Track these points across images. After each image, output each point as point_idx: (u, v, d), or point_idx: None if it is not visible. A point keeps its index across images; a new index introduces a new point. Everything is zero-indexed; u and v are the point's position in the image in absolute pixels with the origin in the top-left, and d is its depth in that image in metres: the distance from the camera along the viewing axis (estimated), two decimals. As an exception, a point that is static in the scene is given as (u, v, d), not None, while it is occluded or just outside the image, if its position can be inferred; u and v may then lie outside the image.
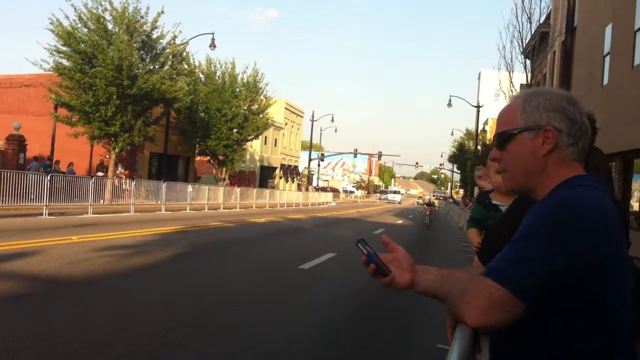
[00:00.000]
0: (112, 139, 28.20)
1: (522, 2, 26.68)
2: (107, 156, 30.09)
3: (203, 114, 38.74)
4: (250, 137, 42.37)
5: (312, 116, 65.33)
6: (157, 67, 29.56)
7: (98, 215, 19.88)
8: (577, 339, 1.44)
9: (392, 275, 1.71)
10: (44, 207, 18.57)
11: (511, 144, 1.63)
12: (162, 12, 28.77)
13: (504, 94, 29.72)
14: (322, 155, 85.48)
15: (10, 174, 18.75)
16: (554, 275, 1.40)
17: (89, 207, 20.70)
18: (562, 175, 1.58)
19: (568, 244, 1.40)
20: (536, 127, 1.59)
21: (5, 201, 18.14)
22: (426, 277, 1.73)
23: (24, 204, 18.72)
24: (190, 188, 29.76)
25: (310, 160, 67.75)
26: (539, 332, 1.47)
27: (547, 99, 1.60)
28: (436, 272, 1.75)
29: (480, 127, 59.80)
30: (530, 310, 1.41)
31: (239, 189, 37.60)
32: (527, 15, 26.65)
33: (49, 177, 19.35)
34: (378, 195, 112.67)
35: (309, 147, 68.60)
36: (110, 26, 27.61)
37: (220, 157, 40.73)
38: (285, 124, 68.39)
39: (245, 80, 40.58)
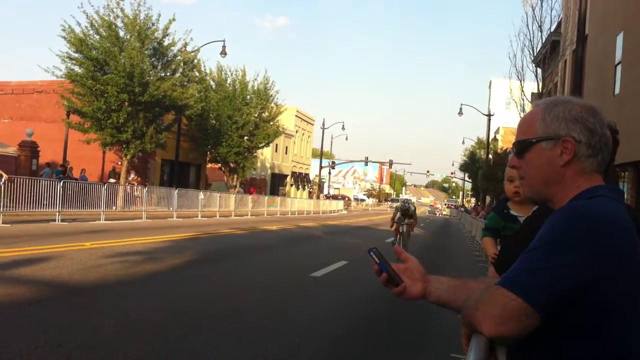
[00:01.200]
0: (124, 146, 28.37)
1: (533, 10, 26.63)
2: (119, 163, 30.26)
3: (214, 121, 38.89)
4: (261, 145, 42.46)
5: (323, 124, 65.48)
6: (168, 74, 29.74)
7: (110, 222, 19.98)
8: (595, 348, 1.43)
9: (404, 285, 1.70)
10: (57, 214, 18.69)
11: (529, 152, 1.63)
12: (174, 19, 28.99)
13: (515, 102, 29.63)
14: (333, 163, 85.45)
15: (23, 180, 18.88)
16: (570, 286, 1.39)
17: (102, 213, 20.83)
18: (581, 185, 1.57)
19: (584, 254, 1.39)
20: (555, 137, 1.58)
21: (18, 207, 18.26)
22: (438, 287, 1.72)
23: (36, 210, 18.84)
24: (201, 195, 29.86)
25: (321, 168, 67.78)
26: (556, 341, 1.47)
27: (567, 109, 1.59)
28: (448, 282, 1.74)
29: (492, 136, 59.58)
30: (547, 319, 1.41)
31: (251, 196, 37.68)
32: (538, 23, 26.62)
33: (61, 184, 19.47)
34: (389, 203, 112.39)
35: (319, 154, 68.62)
36: (122, 33, 27.80)
37: (231, 165, 40.84)
38: (296, 132, 68.46)
39: (255, 88, 40.70)
